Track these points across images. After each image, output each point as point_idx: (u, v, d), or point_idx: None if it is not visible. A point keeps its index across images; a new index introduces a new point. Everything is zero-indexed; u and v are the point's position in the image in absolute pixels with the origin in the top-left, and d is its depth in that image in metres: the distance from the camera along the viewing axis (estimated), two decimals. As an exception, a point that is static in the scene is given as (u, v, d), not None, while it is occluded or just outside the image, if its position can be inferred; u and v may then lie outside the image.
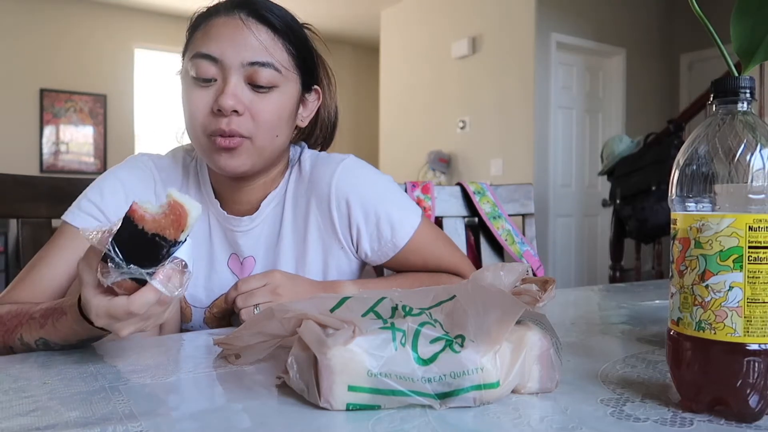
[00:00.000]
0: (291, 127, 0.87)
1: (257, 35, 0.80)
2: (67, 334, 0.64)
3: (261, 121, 0.81)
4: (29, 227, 1.02)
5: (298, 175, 0.93)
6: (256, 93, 0.80)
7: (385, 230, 0.89)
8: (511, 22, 4.55)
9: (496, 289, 0.52)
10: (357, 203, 0.89)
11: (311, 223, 0.90)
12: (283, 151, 0.89)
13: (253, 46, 0.79)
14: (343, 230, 0.90)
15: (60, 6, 5.58)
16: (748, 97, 0.46)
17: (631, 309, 0.93)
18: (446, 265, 0.96)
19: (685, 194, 0.46)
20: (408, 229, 0.90)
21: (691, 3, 0.51)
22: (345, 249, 0.92)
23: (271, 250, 0.91)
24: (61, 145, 5.70)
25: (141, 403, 0.48)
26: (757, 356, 0.43)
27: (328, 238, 0.91)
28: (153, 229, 0.51)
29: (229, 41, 0.79)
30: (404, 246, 0.90)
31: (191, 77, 0.81)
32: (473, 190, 1.40)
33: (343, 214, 0.89)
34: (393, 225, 0.90)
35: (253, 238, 0.91)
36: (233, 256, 0.92)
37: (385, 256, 0.92)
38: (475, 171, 4.84)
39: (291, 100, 0.85)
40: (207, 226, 0.93)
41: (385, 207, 0.90)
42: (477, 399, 0.46)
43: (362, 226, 0.89)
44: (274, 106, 0.81)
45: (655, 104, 5.20)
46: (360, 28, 6.43)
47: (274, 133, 0.83)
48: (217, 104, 0.78)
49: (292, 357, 0.49)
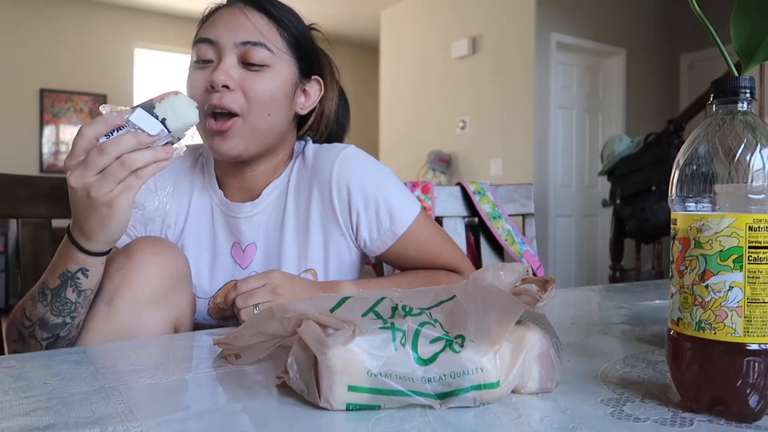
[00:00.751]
0: (286, 109, 0.89)
1: (251, 19, 0.86)
2: (54, 264, 0.70)
3: (252, 97, 0.84)
4: (29, 227, 1.02)
5: (301, 164, 0.95)
6: (249, 71, 0.85)
7: (385, 218, 0.91)
8: (511, 22, 4.55)
9: (496, 289, 0.52)
10: (357, 189, 0.90)
11: (313, 210, 0.92)
12: (280, 136, 0.91)
13: (246, 28, 0.85)
14: (344, 216, 0.91)
15: (60, 6, 5.58)
16: (748, 97, 0.46)
17: (631, 309, 0.93)
18: (445, 260, 0.97)
19: (685, 194, 0.46)
20: (407, 218, 0.92)
21: (691, 3, 0.51)
22: (345, 236, 0.93)
23: (274, 237, 0.93)
24: (61, 145, 5.70)
25: (141, 403, 0.48)
26: (757, 356, 0.43)
27: (329, 225, 0.92)
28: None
29: (225, 25, 0.85)
30: (403, 235, 0.91)
31: (193, 62, 0.87)
32: (473, 190, 1.40)
33: (344, 200, 0.91)
34: (392, 213, 0.91)
35: (255, 225, 0.93)
36: (236, 245, 0.94)
37: (384, 245, 0.92)
38: (475, 171, 4.84)
39: (285, 82, 0.88)
40: (210, 214, 0.94)
41: (385, 195, 0.91)
42: (477, 399, 0.46)
43: (362, 213, 0.91)
44: (266, 84, 0.85)
45: (655, 104, 5.20)
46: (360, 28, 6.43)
47: (266, 111, 0.86)
48: (209, 81, 0.83)
49: (292, 357, 0.49)
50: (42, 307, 0.70)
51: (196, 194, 0.95)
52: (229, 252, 0.94)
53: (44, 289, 0.70)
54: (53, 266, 0.71)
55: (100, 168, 0.62)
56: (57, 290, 0.69)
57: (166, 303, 0.76)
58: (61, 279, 0.69)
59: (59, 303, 0.70)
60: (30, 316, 0.71)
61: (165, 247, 0.79)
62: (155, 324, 0.75)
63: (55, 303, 0.69)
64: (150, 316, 0.74)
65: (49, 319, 0.70)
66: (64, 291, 0.69)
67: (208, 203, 0.95)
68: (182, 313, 0.80)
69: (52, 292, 0.69)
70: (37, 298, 0.71)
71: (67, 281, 0.69)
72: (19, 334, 0.73)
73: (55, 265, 0.70)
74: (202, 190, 0.96)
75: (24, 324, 0.72)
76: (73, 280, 0.69)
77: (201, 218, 0.95)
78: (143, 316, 0.74)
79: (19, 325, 0.73)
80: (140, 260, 0.74)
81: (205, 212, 0.95)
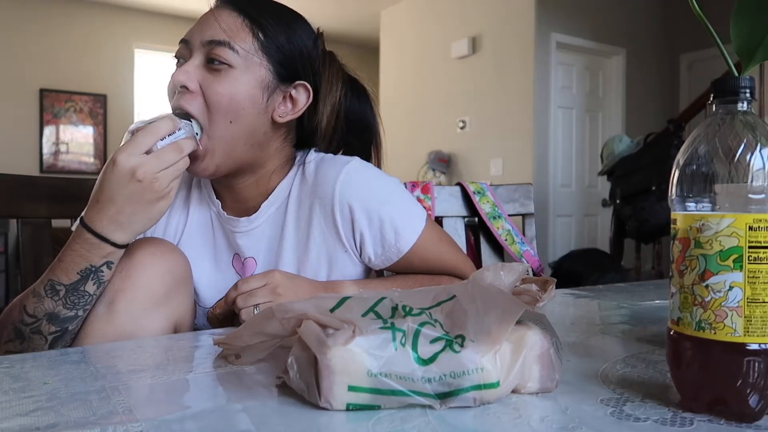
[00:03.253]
0: (255, 117, 0.84)
1: (219, 18, 0.83)
2: (68, 263, 0.69)
3: (211, 102, 0.80)
4: (29, 227, 1.02)
5: (302, 177, 0.91)
6: (211, 72, 0.81)
7: (389, 235, 0.88)
8: (511, 22, 4.55)
9: (496, 289, 0.52)
10: (360, 208, 0.87)
11: (314, 227, 0.89)
12: (256, 146, 0.86)
13: (213, 27, 0.82)
14: (347, 234, 0.89)
15: (60, 6, 5.58)
16: (748, 97, 0.46)
17: (631, 309, 0.93)
18: (449, 267, 0.96)
19: (685, 194, 0.46)
20: (412, 235, 0.89)
21: (691, 3, 0.51)
22: (349, 252, 0.90)
23: (272, 252, 0.91)
24: (61, 145, 5.70)
25: (141, 403, 0.48)
26: (757, 356, 0.43)
27: (331, 242, 0.89)
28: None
29: (198, 24, 0.84)
30: (408, 251, 0.89)
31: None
32: (473, 190, 1.40)
33: (347, 218, 0.88)
34: (397, 230, 0.88)
35: (253, 239, 0.91)
36: (236, 256, 0.93)
37: (389, 261, 0.91)
38: (475, 171, 4.84)
39: (249, 85, 0.82)
40: (210, 225, 0.93)
41: (389, 212, 0.88)
42: (477, 399, 0.46)
43: (366, 232, 0.88)
44: (226, 87, 0.80)
45: (655, 104, 5.20)
46: (360, 28, 6.43)
47: (227, 118, 0.81)
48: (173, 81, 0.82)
49: (292, 357, 0.49)
50: (51, 303, 0.70)
51: (194, 206, 0.94)
52: (230, 262, 0.93)
53: (54, 285, 0.70)
54: (67, 263, 0.70)
55: (169, 164, 0.71)
56: (74, 285, 0.70)
57: (166, 304, 0.76)
58: (81, 274, 0.69)
59: (75, 296, 0.70)
60: (35, 312, 0.71)
61: (165, 247, 0.79)
62: (156, 326, 0.75)
63: (70, 297, 0.70)
64: (151, 318, 0.74)
65: (60, 313, 0.70)
66: (84, 285, 0.70)
67: (207, 214, 0.94)
68: (183, 314, 0.80)
69: (67, 288, 0.69)
70: (45, 294, 0.70)
71: (89, 275, 0.69)
72: (17, 332, 0.72)
73: (69, 262, 0.70)
74: (200, 201, 0.94)
75: (25, 321, 0.72)
76: (97, 273, 0.70)
77: (201, 229, 0.93)
78: (144, 319, 0.74)
79: (17, 323, 0.72)
80: (141, 261, 0.74)
81: (205, 223, 0.93)
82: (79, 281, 0.70)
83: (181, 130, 0.75)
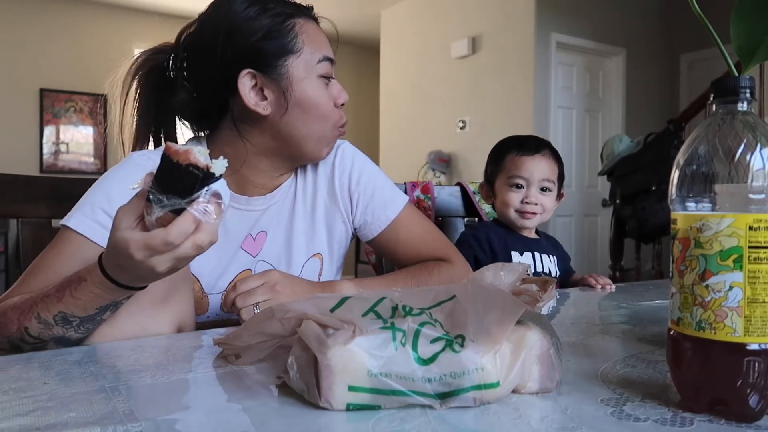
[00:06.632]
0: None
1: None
2: (86, 301, 0.65)
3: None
4: (29, 227, 1.02)
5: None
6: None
7: (379, 203, 1.00)
8: (511, 22, 4.55)
9: (496, 289, 0.52)
10: (356, 177, 1.00)
11: (318, 197, 1.00)
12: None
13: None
14: (344, 202, 1.00)
15: (60, 6, 5.58)
16: (748, 97, 0.46)
17: (631, 309, 0.93)
18: (433, 245, 1.03)
19: (685, 194, 0.46)
20: (399, 204, 1.01)
21: (691, 3, 0.51)
22: (346, 223, 1.01)
23: (283, 225, 0.98)
24: (61, 145, 5.69)
25: (141, 403, 0.48)
26: (757, 356, 0.43)
27: (331, 213, 1.00)
28: (186, 161, 0.54)
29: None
30: (394, 219, 1.00)
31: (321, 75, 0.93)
32: (473, 190, 1.40)
33: (345, 186, 1.00)
34: (385, 199, 1.01)
35: (268, 215, 0.97)
36: (248, 237, 0.96)
37: (378, 228, 1.00)
38: (475, 171, 4.83)
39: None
40: None
41: (380, 183, 1.02)
42: (477, 399, 0.46)
43: (360, 198, 1.00)
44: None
45: (655, 104, 5.19)
46: (360, 28, 6.42)
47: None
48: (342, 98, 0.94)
49: (292, 357, 0.49)
50: (61, 329, 0.68)
51: None
52: (239, 245, 0.95)
53: (67, 317, 0.67)
54: (85, 302, 0.65)
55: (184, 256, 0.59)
56: (91, 316, 0.67)
57: (167, 305, 0.76)
58: (100, 308, 0.66)
59: (90, 324, 0.69)
60: (39, 336, 0.69)
61: None
62: (158, 328, 0.74)
63: (85, 324, 0.68)
64: (152, 319, 0.74)
65: (71, 337, 0.69)
66: (102, 315, 0.68)
67: None
68: (184, 314, 0.80)
69: (82, 318, 0.67)
70: (54, 323, 0.67)
71: (108, 307, 0.67)
72: (13, 345, 0.71)
73: (89, 301, 0.65)
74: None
75: (26, 340, 0.70)
76: (116, 306, 0.68)
77: None
78: (145, 321, 0.73)
79: (15, 340, 0.70)
80: None
81: None
82: (97, 313, 0.67)
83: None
